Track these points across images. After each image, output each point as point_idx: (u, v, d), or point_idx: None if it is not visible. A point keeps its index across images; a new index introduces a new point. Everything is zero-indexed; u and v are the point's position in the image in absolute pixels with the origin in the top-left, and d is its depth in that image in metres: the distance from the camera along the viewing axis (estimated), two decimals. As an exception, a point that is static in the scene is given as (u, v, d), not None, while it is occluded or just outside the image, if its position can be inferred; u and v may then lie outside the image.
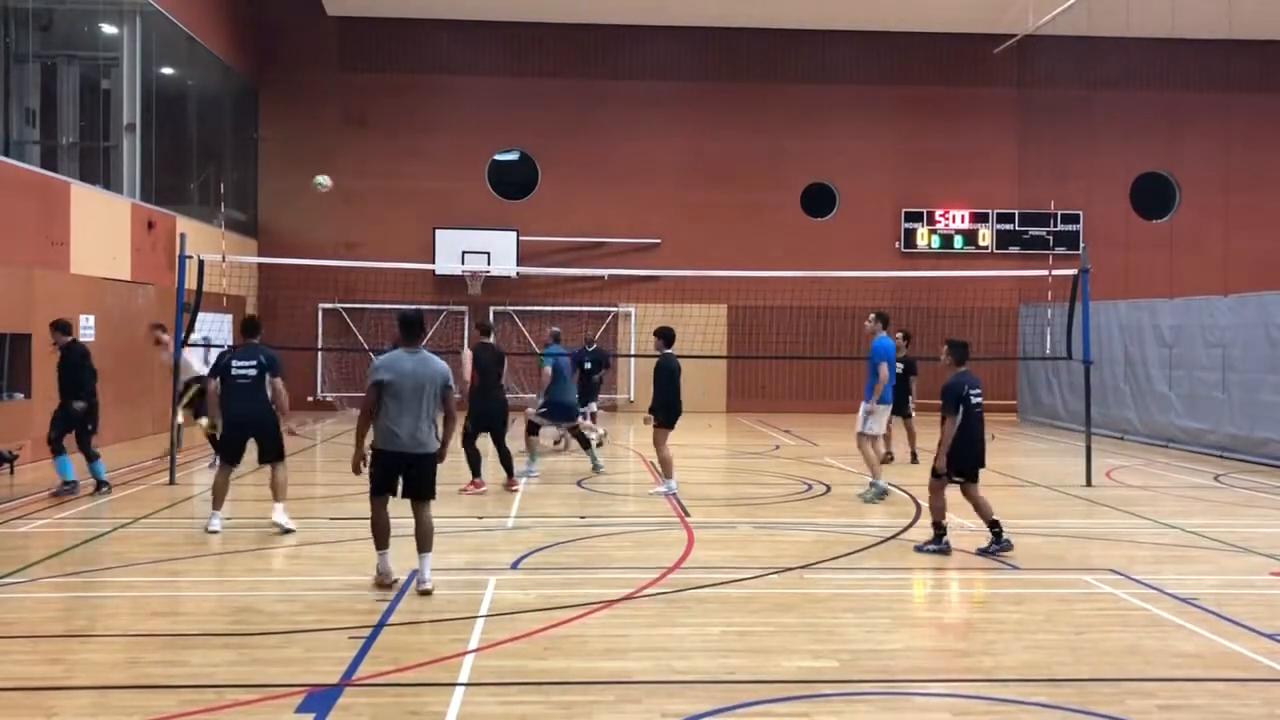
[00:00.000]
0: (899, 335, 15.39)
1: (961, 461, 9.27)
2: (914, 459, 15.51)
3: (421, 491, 7.73)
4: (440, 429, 7.83)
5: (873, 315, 12.74)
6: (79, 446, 12.15)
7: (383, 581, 7.77)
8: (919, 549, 9.38)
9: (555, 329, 17.24)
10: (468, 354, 13.25)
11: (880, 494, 12.17)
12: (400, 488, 7.74)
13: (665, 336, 12.51)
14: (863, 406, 12.46)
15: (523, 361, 23.51)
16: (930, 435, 10.81)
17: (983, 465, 9.43)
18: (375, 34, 25.81)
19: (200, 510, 11.68)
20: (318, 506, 11.75)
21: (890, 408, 12.80)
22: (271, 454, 10.11)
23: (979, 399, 9.32)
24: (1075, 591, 8.10)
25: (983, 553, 9.22)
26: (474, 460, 12.60)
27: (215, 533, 9.82)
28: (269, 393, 9.98)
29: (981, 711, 5.59)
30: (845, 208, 26.75)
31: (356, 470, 7.84)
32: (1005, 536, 9.29)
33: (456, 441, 9.38)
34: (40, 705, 5.50)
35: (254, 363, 9.95)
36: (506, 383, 13.96)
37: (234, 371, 9.94)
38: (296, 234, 25.04)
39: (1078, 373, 17.49)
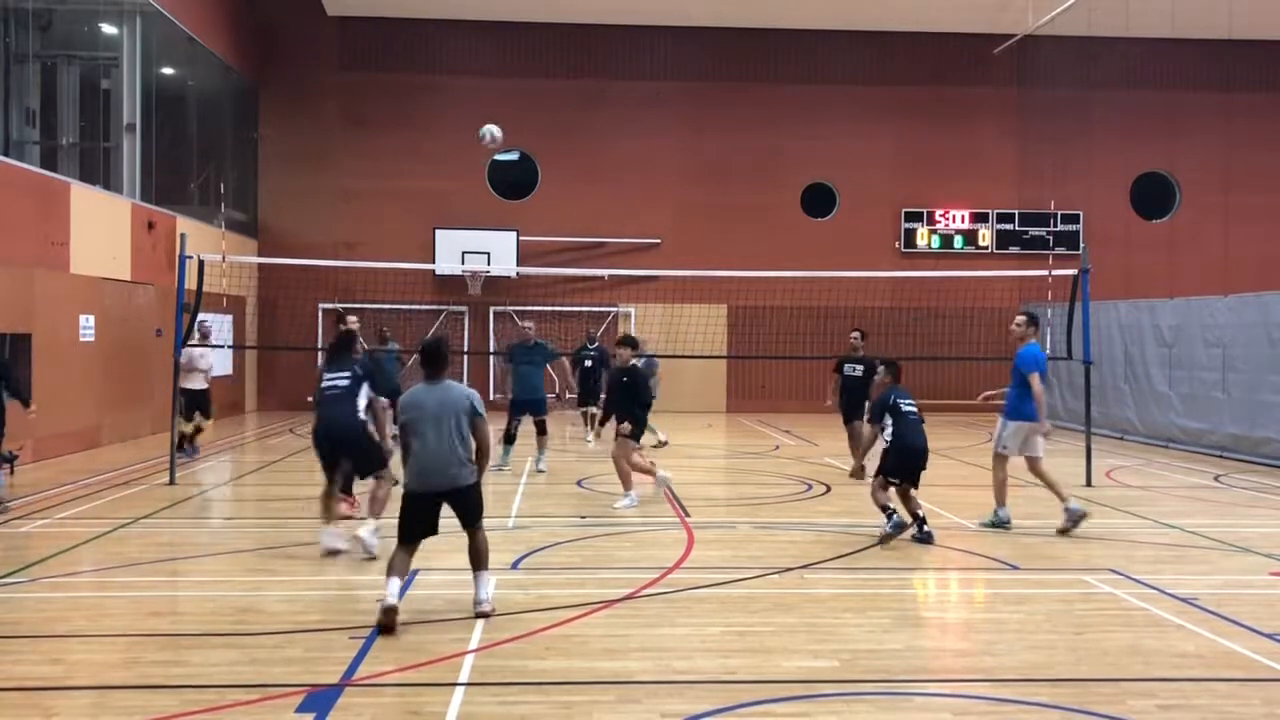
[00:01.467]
0: (855, 334, 14.44)
1: (900, 467, 9.68)
2: (855, 474, 13.95)
3: (468, 519, 7.31)
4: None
5: (1022, 317, 10.74)
6: None
7: (384, 619, 6.78)
8: (881, 542, 9.55)
9: (527, 323, 16.74)
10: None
11: (1001, 522, 10.42)
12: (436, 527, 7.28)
13: (632, 344, 11.99)
14: (1001, 423, 10.55)
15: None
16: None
17: (923, 468, 9.83)
18: (375, 34, 25.81)
19: (200, 510, 11.70)
20: (318, 506, 11.73)
21: (1032, 424, 10.53)
22: (365, 467, 9.23)
23: (911, 408, 9.81)
24: (1075, 591, 8.11)
25: (885, 538, 9.61)
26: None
27: (369, 551, 8.73)
28: (361, 406, 9.07)
29: (982, 712, 5.59)
30: (845, 208, 26.75)
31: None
32: (928, 529, 9.73)
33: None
34: (40, 705, 5.50)
35: (347, 374, 9.13)
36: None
37: (324, 384, 9.21)
38: (296, 234, 25.05)
39: (1078, 373, 17.49)
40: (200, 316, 14.93)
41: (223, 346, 15.54)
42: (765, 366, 25.06)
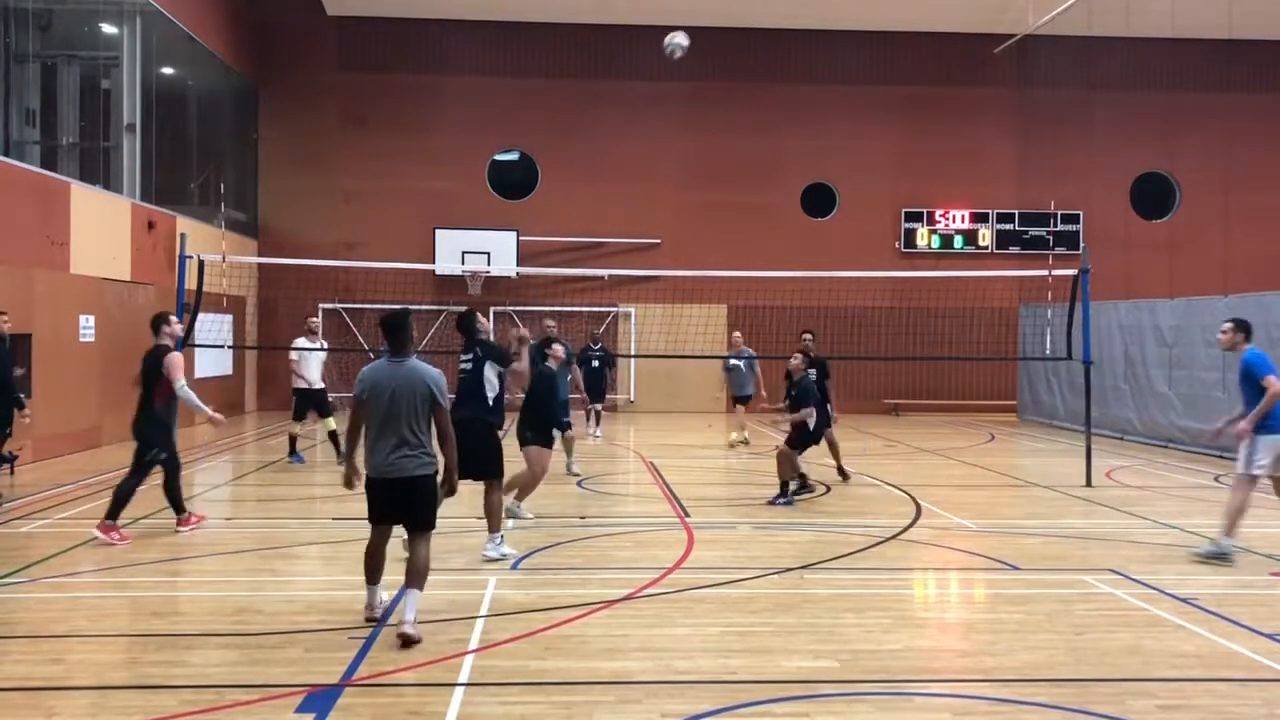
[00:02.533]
0: (807, 335, 14.23)
1: (807, 442, 12.18)
2: (842, 474, 13.69)
3: (411, 520, 6.85)
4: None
5: (1229, 323, 9.50)
6: None
7: (369, 615, 6.96)
8: (771, 502, 11.73)
9: (549, 323, 16.40)
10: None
11: (1222, 554, 9.04)
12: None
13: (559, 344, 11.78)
14: (1250, 440, 9.15)
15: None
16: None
17: (816, 442, 12.43)
18: (375, 34, 25.80)
19: (200, 510, 11.66)
20: (318, 506, 11.75)
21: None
22: (477, 470, 8.59)
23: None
24: (1075, 592, 8.10)
25: (771, 501, 11.77)
26: (119, 495, 9.72)
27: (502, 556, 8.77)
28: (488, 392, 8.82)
29: (982, 712, 5.59)
30: (845, 208, 26.75)
31: (348, 485, 7.08)
32: (791, 496, 11.87)
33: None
34: (40, 705, 5.50)
35: (470, 356, 9.04)
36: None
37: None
38: (296, 234, 25.04)
39: (1078, 373, 17.49)
40: (311, 317, 15.99)
41: (321, 349, 15.63)
42: (764, 367, 25.02)
